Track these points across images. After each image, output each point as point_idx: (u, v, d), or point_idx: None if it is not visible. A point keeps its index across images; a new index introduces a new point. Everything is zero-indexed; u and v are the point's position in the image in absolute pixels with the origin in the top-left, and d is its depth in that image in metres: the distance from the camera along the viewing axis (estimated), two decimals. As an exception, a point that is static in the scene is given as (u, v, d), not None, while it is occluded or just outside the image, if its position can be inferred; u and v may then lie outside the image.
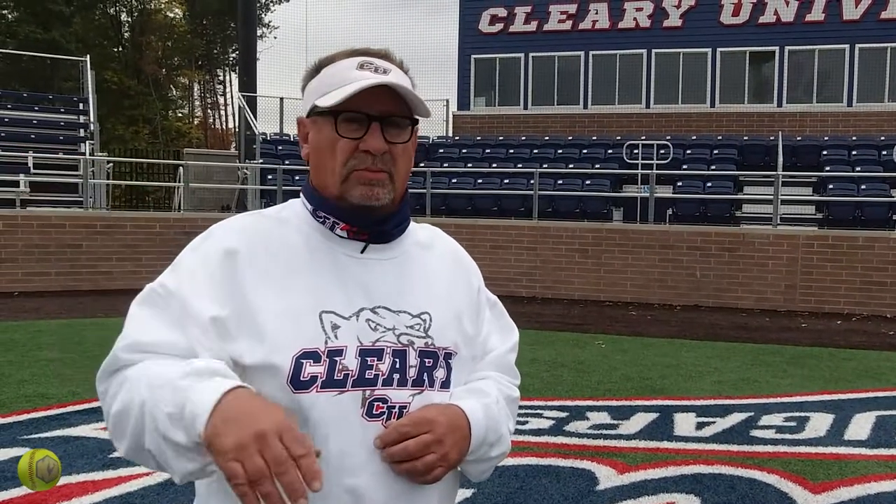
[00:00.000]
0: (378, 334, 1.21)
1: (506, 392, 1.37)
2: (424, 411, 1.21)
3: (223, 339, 1.17)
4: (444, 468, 1.20)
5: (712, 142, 17.77)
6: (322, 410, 1.16)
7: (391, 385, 1.20)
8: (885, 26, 18.32)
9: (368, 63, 1.24)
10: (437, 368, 1.25)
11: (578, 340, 8.70)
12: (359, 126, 1.22)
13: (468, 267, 1.41)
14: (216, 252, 1.21)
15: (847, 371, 7.29)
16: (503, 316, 1.46)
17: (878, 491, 4.04)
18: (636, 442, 4.82)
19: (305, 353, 1.17)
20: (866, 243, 11.86)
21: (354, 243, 1.27)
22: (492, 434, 1.28)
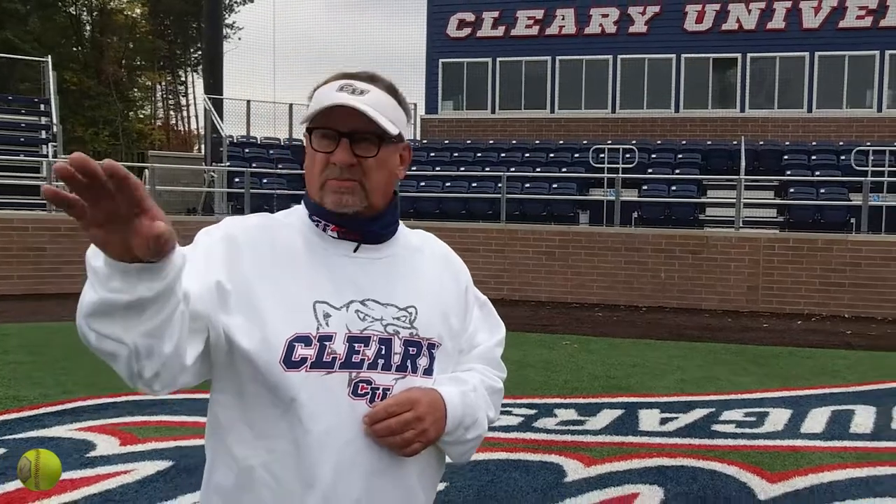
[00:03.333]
0: (366, 323, 1.35)
1: (488, 383, 1.50)
2: (407, 393, 1.33)
3: (221, 306, 1.29)
4: (421, 444, 1.33)
5: (677, 146, 18.07)
6: (311, 388, 1.29)
7: (376, 369, 1.33)
8: (843, 35, 18.77)
9: (348, 85, 1.37)
10: (421, 357, 1.38)
11: (546, 341, 8.83)
12: (330, 141, 1.35)
13: (457, 268, 1.55)
14: (227, 238, 1.36)
15: (805, 369, 7.50)
16: (491, 314, 1.59)
17: (831, 480, 4.21)
18: (602, 437, 4.96)
19: (298, 337, 1.30)
20: (825, 245, 12.15)
21: (347, 244, 1.40)
22: (468, 418, 1.41)
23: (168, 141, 44.67)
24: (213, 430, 1.40)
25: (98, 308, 1.11)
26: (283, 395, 1.29)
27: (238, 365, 1.31)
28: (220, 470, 1.36)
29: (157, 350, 1.17)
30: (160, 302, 1.12)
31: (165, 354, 1.18)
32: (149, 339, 1.15)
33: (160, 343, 1.17)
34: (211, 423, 1.40)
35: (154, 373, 1.20)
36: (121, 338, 1.13)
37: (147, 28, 42.72)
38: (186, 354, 1.23)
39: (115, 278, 1.07)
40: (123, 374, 1.22)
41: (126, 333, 1.13)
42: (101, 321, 1.12)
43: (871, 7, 18.64)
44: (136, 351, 1.15)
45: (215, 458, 1.38)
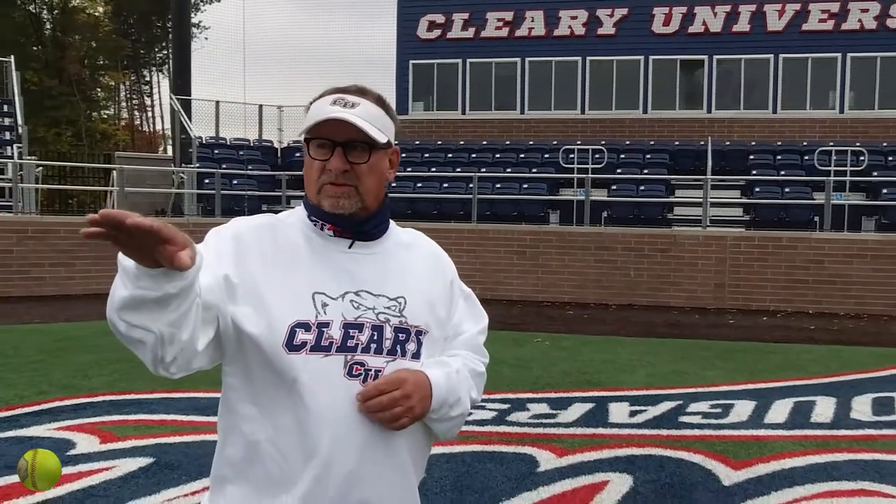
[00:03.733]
0: (360, 312, 1.50)
1: (471, 367, 1.65)
2: (397, 373, 1.48)
3: (230, 297, 1.45)
4: (409, 419, 1.48)
5: (645, 147, 18.33)
6: (311, 369, 1.44)
7: (369, 352, 1.49)
8: (806, 38, 19.14)
9: (341, 99, 1.52)
10: (409, 342, 1.54)
11: (518, 339, 8.97)
12: (326, 150, 1.51)
13: (444, 264, 1.70)
14: (236, 236, 1.52)
15: (770, 363, 7.72)
16: (476, 305, 1.75)
17: (792, 466, 4.39)
18: (574, 429, 5.10)
19: (299, 324, 1.46)
20: (790, 243, 12.44)
21: (342, 241, 1.56)
22: (451, 397, 1.55)
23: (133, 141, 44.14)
24: (224, 409, 1.55)
25: (129, 303, 1.28)
26: (285, 376, 1.44)
27: (246, 350, 1.46)
28: (231, 444, 1.51)
29: (177, 337, 1.34)
30: (182, 297, 1.30)
31: (183, 341, 1.35)
32: (171, 327, 1.32)
33: (180, 331, 1.34)
34: (223, 403, 1.56)
35: (173, 357, 1.36)
36: (149, 327, 1.30)
37: (110, 27, 42.15)
38: (199, 341, 1.39)
39: (143, 278, 1.26)
40: (148, 359, 1.37)
41: (153, 323, 1.30)
42: (132, 314, 1.30)
43: (832, 11, 19.04)
44: (161, 338, 1.32)
45: (227, 435, 1.53)
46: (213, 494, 1.56)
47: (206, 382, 6.28)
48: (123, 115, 49.06)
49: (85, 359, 7.19)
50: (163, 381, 6.29)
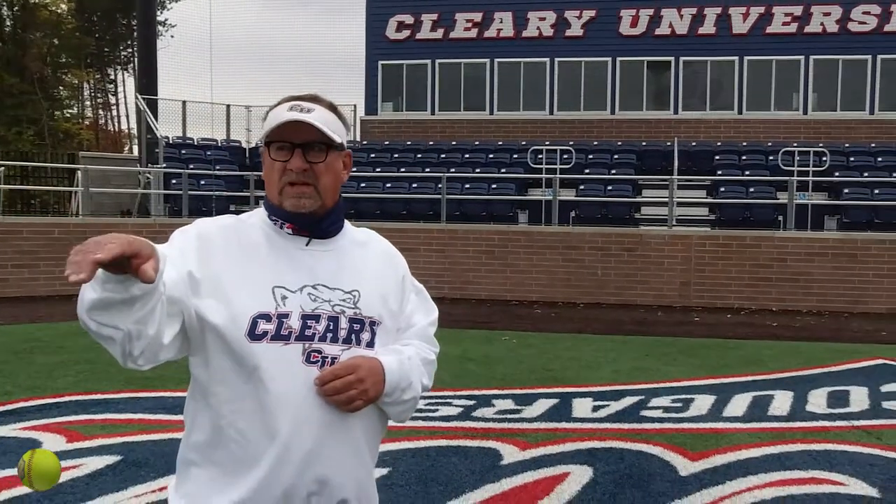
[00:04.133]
0: (317, 304, 1.62)
1: (422, 355, 1.76)
2: (351, 359, 1.60)
3: (193, 292, 1.56)
4: (362, 401, 1.59)
5: (613, 147, 18.53)
6: (271, 357, 1.55)
7: (325, 341, 1.60)
8: (770, 40, 19.47)
9: (297, 105, 1.64)
10: (364, 332, 1.65)
11: (486, 337, 9.06)
12: (286, 152, 1.62)
13: (396, 261, 1.82)
14: (200, 236, 1.63)
15: (732, 359, 7.88)
16: (427, 300, 1.87)
17: (747, 457, 4.53)
18: (537, 424, 5.20)
19: (260, 315, 1.57)
20: (753, 242, 12.66)
21: (300, 238, 1.67)
22: (403, 382, 1.66)
23: (97, 141, 43.57)
24: (191, 397, 1.66)
25: (98, 304, 1.38)
26: (247, 363, 1.54)
27: (210, 340, 1.57)
28: (197, 431, 1.62)
29: (144, 333, 1.44)
30: (147, 297, 1.40)
31: (150, 336, 1.45)
32: (138, 325, 1.42)
33: (146, 327, 1.44)
34: (190, 391, 1.67)
35: (140, 351, 1.46)
36: (117, 325, 1.41)
37: (73, 24, 41.54)
38: (165, 335, 1.50)
39: (110, 283, 1.35)
40: (117, 354, 1.48)
41: (121, 322, 1.40)
42: (101, 314, 1.40)
43: (795, 14, 19.39)
44: (128, 334, 1.42)
45: (193, 421, 1.64)
46: (180, 478, 1.66)
47: (174, 381, 6.30)
48: (87, 114, 48.41)
49: (50, 360, 7.16)
50: (129, 381, 6.30)
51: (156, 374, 6.57)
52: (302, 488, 1.56)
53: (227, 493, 1.56)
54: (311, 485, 1.56)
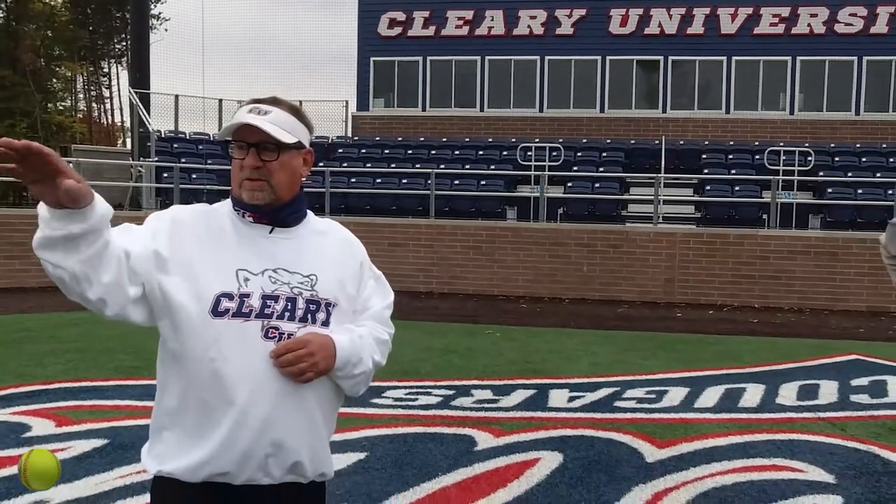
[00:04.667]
0: (276, 286, 1.78)
1: (375, 335, 1.92)
2: (304, 335, 1.77)
3: (159, 268, 1.73)
4: (313, 373, 1.76)
5: (601, 145, 18.70)
6: (232, 332, 1.73)
7: (283, 319, 1.77)
8: (757, 41, 19.67)
9: (256, 108, 1.81)
10: (319, 312, 1.81)
11: (470, 330, 9.22)
12: (243, 150, 1.80)
13: (355, 249, 1.97)
14: (173, 220, 1.81)
15: (709, 353, 8.06)
16: (384, 285, 2.03)
17: (713, 445, 4.70)
18: (513, 413, 5.37)
19: (223, 294, 1.74)
20: (737, 240, 12.85)
21: (264, 227, 1.84)
22: (354, 357, 1.83)
23: (90, 134, 43.53)
24: (160, 365, 1.84)
25: (44, 242, 1.56)
26: (208, 337, 1.71)
27: (174, 313, 1.73)
28: (167, 396, 1.80)
29: (94, 278, 1.61)
30: (89, 239, 1.56)
31: (105, 283, 1.63)
32: (85, 266, 1.59)
33: (96, 273, 1.61)
34: (159, 360, 1.84)
35: (98, 297, 1.64)
36: (61, 264, 1.57)
37: (67, 17, 41.46)
38: (129, 290, 1.68)
39: (53, 220, 1.54)
40: (74, 297, 1.65)
41: (66, 261, 1.57)
42: (48, 252, 1.57)
43: (783, 15, 19.58)
44: (75, 275, 1.59)
45: (163, 388, 1.82)
46: (152, 441, 1.84)
47: (161, 370, 6.44)
48: (81, 107, 48.34)
49: (40, 349, 7.29)
50: (118, 370, 6.45)
51: (144, 363, 6.73)
52: (259, 451, 1.73)
53: (191, 454, 1.73)
54: (268, 447, 1.73)
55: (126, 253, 1.66)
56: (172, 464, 1.75)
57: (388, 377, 6.32)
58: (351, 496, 3.79)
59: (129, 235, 1.73)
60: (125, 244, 1.68)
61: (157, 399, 1.83)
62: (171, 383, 1.78)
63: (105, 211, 1.59)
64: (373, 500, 3.77)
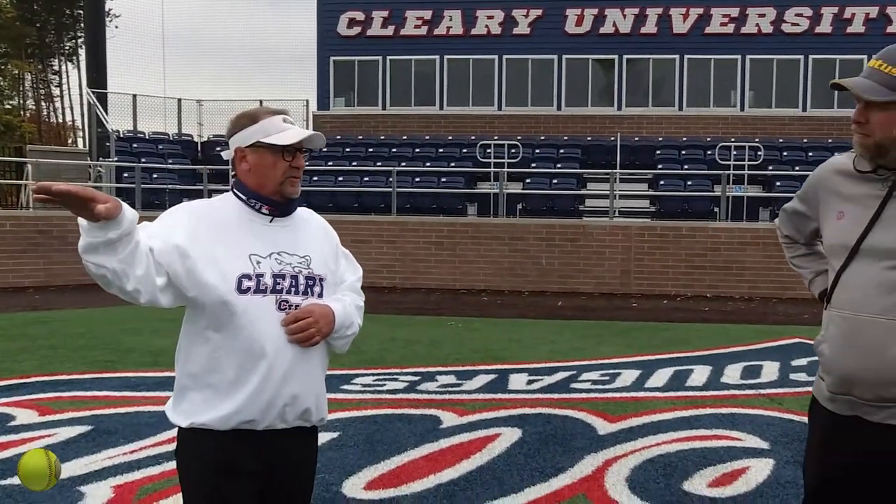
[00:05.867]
0: (282, 266, 2.15)
1: (356, 303, 2.35)
2: (309, 306, 2.16)
3: (182, 258, 2.04)
4: (319, 337, 2.16)
5: (559, 142, 19.13)
6: (254, 307, 2.09)
7: (290, 293, 2.15)
8: (708, 40, 20.24)
9: (288, 119, 2.20)
10: (315, 286, 2.21)
11: (434, 322, 9.54)
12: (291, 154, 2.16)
13: (330, 233, 2.36)
14: (188, 215, 2.14)
15: (661, 339, 8.47)
16: (353, 262, 2.43)
17: (660, 419, 5.09)
18: (476, 395, 5.71)
19: (243, 275, 2.09)
20: (689, 233, 13.34)
21: (265, 217, 2.18)
22: (346, 321, 2.25)
23: (39, 133, 42.90)
24: (186, 337, 2.15)
25: (88, 247, 1.89)
26: (236, 309, 2.07)
27: (206, 294, 2.06)
28: (192, 362, 2.13)
29: (130, 272, 1.94)
30: (124, 241, 1.89)
31: (138, 276, 1.96)
32: (122, 264, 1.92)
33: (131, 268, 1.94)
34: (185, 333, 2.16)
35: (134, 288, 1.97)
36: (104, 264, 1.90)
37: (13, 13, 40.72)
38: (157, 280, 2.01)
39: (92, 230, 1.86)
40: (114, 290, 1.97)
41: (107, 261, 1.90)
42: (92, 255, 1.90)
43: (733, 15, 20.19)
44: (115, 272, 1.92)
45: (188, 355, 2.14)
46: (176, 400, 2.17)
47: (135, 364, 6.67)
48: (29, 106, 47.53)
49: (12, 346, 7.44)
50: (92, 363, 6.65)
51: (118, 357, 6.94)
52: (279, 401, 2.10)
53: (222, 407, 2.08)
54: (286, 398, 2.11)
55: (150, 249, 1.98)
56: (205, 416, 2.08)
57: (355, 366, 6.62)
58: (327, 469, 4.08)
59: (148, 233, 2.03)
60: (148, 241, 1.99)
61: (181, 366, 2.16)
62: (197, 352, 2.11)
63: (133, 216, 1.89)
64: (347, 472, 4.07)
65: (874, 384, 1.99)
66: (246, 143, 2.17)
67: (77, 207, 1.79)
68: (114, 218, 1.83)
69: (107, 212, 1.80)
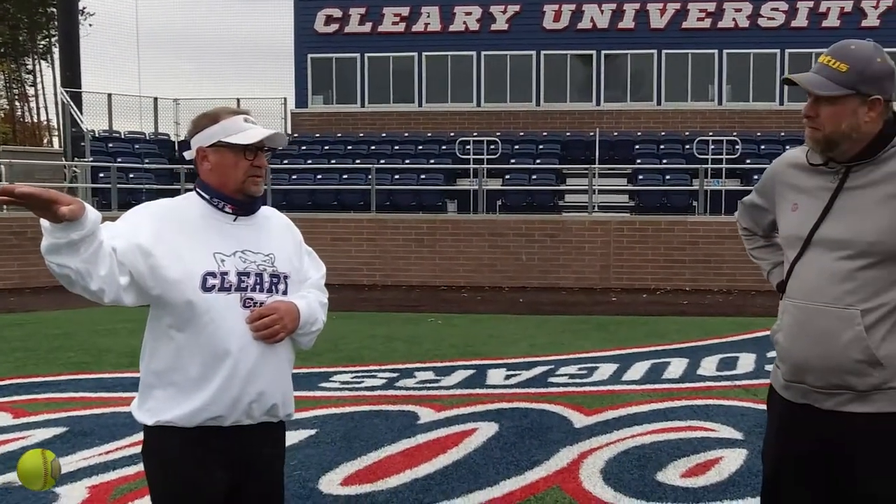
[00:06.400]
0: (246, 264, 2.16)
1: (320, 300, 2.36)
2: (274, 303, 2.17)
3: (144, 257, 2.04)
4: (284, 334, 2.16)
5: (538, 138, 19.19)
6: (219, 304, 2.09)
7: (255, 291, 2.16)
8: (685, 35, 20.36)
9: (249, 119, 2.20)
10: (280, 283, 2.22)
11: (413, 319, 9.54)
12: (252, 153, 2.16)
13: (293, 230, 2.37)
14: (151, 214, 2.15)
15: (639, 333, 8.52)
16: (316, 259, 2.43)
17: (636, 411, 5.13)
18: (454, 391, 5.72)
19: (208, 273, 2.10)
20: (668, 227, 13.41)
21: (229, 216, 2.19)
22: (311, 318, 2.25)
23: (14, 133, 42.43)
24: (151, 336, 2.15)
25: (51, 248, 1.88)
26: (201, 308, 2.07)
27: (170, 291, 2.06)
28: (156, 360, 2.13)
29: (93, 272, 1.93)
30: (87, 241, 1.88)
31: (102, 275, 1.95)
32: (86, 264, 1.91)
33: (95, 267, 1.93)
34: (149, 331, 2.16)
35: (98, 287, 1.95)
36: (67, 264, 1.90)
37: (-15, 12, 40.22)
38: (120, 280, 2.00)
39: (55, 230, 1.85)
40: (78, 290, 1.96)
41: (70, 261, 1.89)
42: (55, 256, 1.89)
43: (710, 10, 20.32)
44: (79, 272, 1.91)
45: (153, 353, 2.14)
46: (141, 399, 2.17)
47: (111, 364, 6.63)
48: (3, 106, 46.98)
49: (-13, 348, 7.37)
50: (67, 365, 6.61)
51: (93, 358, 6.90)
52: (245, 397, 2.11)
53: (187, 404, 2.08)
54: (252, 395, 2.12)
55: (112, 249, 1.98)
56: (170, 413, 2.08)
57: (333, 363, 6.61)
58: (304, 466, 4.09)
59: (111, 232, 2.02)
60: (111, 241, 1.99)
61: (146, 364, 2.16)
62: (162, 350, 2.12)
63: (96, 217, 1.89)
64: (323, 469, 4.08)
65: (825, 371, 2.03)
66: (207, 143, 2.17)
67: (40, 209, 1.78)
68: (77, 219, 1.82)
69: (70, 213, 1.79)
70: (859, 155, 2.03)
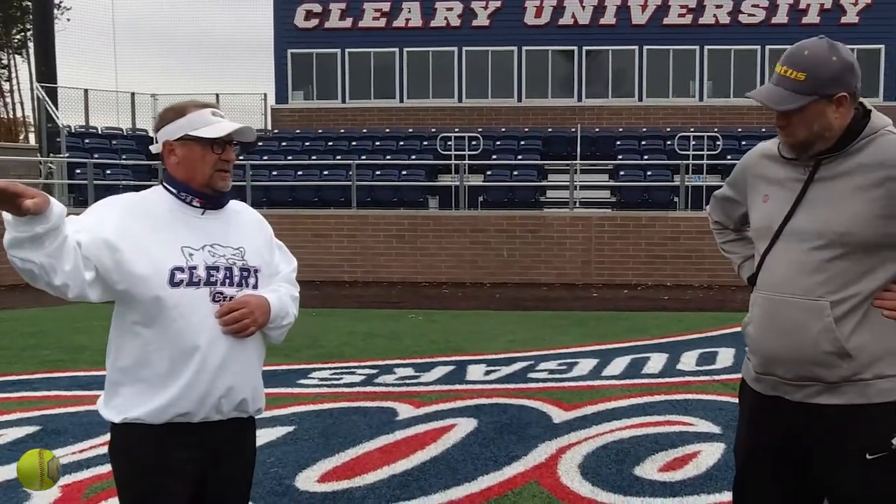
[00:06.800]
0: (215, 258, 2.13)
1: (291, 293, 2.34)
2: (244, 297, 2.14)
3: (111, 251, 1.99)
4: (254, 328, 2.14)
5: (519, 133, 19.18)
6: (187, 299, 2.05)
7: (225, 285, 2.12)
8: (667, 31, 20.41)
9: (217, 112, 2.17)
10: (250, 277, 2.19)
11: (394, 315, 9.50)
12: (220, 147, 2.13)
13: (263, 224, 2.34)
14: (119, 208, 2.10)
15: (620, 328, 8.53)
16: (287, 253, 2.41)
17: (615, 406, 5.13)
18: (433, 387, 5.70)
19: (176, 268, 2.06)
20: (649, 222, 13.44)
21: (197, 209, 2.15)
22: (281, 311, 2.23)
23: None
24: (117, 332, 2.11)
25: (14, 242, 1.84)
26: (169, 303, 2.03)
27: (137, 286, 2.02)
28: (122, 357, 2.08)
29: (58, 267, 1.89)
30: (51, 235, 1.85)
31: (66, 270, 1.90)
32: (50, 258, 1.87)
33: (59, 262, 1.89)
34: (115, 328, 2.12)
35: (63, 283, 1.91)
36: (31, 259, 1.86)
37: (-42, 6, 39.64)
38: (85, 275, 1.95)
39: (19, 224, 1.82)
40: (42, 285, 1.92)
41: (34, 255, 1.85)
42: (18, 250, 1.85)
43: (690, 6, 20.36)
44: (42, 266, 1.87)
45: (118, 350, 2.10)
46: (108, 396, 2.12)
47: (87, 362, 6.55)
48: (-22, 101, 46.29)
49: (-40, 347, 7.26)
50: (43, 363, 6.52)
51: (68, 356, 6.81)
52: (215, 392, 2.08)
53: (155, 400, 2.04)
54: (222, 390, 2.09)
55: (77, 243, 1.93)
56: (137, 410, 2.05)
57: (313, 360, 6.57)
58: (281, 463, 4.05)
59: (76, 226, 1.98)
60: (76, 235, 1.95)
61: (112, 361, 2.12)
62: (127, 346, 2.07)
63: (61, 210, 1.86)
64: (301, 465, 4.04)
65: (794, 363, 2.02)
66: (174, 137, 2.14)
67: (3, 202, 1.75)
68: (41, 212, 1.79)
69: (34, 206, 1.76)
70: (830, 148, 2.02)
